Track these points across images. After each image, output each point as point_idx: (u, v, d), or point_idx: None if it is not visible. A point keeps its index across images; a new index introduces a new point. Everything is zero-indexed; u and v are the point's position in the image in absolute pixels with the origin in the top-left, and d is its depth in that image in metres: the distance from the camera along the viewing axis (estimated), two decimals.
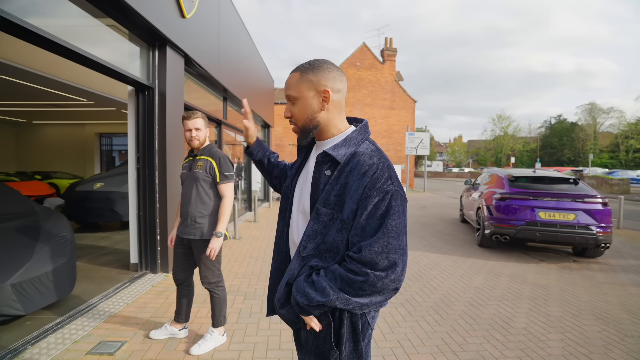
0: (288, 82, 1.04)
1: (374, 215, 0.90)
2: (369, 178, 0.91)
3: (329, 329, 0.99)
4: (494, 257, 5.14)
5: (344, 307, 0.91)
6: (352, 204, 0.91)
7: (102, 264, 4.27)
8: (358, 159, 0.94)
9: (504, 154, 48.00)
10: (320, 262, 0.96)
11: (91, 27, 3.22)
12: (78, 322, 2.71)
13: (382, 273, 0.87)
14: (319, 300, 0.91)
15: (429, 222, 8.23)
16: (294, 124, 1.05)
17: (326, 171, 0.97)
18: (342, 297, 0.89)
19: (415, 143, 18.83)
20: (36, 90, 7.37)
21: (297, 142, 1.11)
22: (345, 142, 0.99)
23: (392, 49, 20.98)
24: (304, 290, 0.94)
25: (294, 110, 1.03)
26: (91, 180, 6.59)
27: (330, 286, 0.90)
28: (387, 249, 0.87)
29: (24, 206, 3.45)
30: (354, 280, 0.88)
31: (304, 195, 1.05)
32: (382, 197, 0.90)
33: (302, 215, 1.05)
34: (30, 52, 4.38)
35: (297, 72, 1.02)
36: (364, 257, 0.87)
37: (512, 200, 5.12)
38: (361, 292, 0.89)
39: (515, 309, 3.22)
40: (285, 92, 1.05)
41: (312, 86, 1.00)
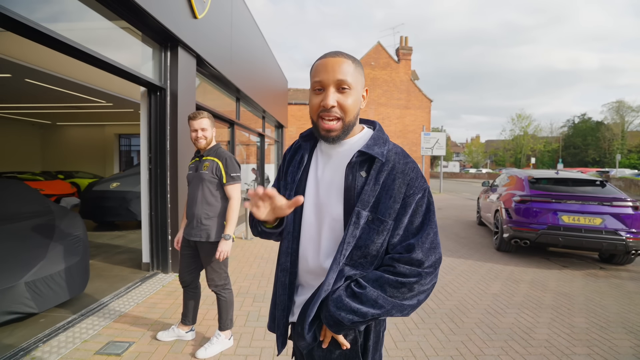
0: (342, 66, 0.88)
1: (417, 212, 0.89)
2: (409, 176, 0.90)
3: (355, 344, 0.94)
4: (513, 262, 4.91)
5: (400, 314, 0.88)
6: (392, 203, 0.88)
7: (115, 262, 4.33)
8: (395, 159, 0.93)
9: (524, 154, 46.45)
10: (353, 270, 0.90)
11: (106, 30, 3.26)
12: (89, 321, 2.74)
13: (430, 269, 0.87)
14: (373, 313, 0.85)
15: (444, 225, 8.01)
16: (338, 118, 0.89)
17: (361, 172, 0.91)
18: (396, 304, 0.86)
19: (431, 143, 18.44)
20: (60, 93, 7.65)
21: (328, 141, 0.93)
22: (375, 141, 0.94)
23: (407, 47, 20.66)
24: (349, 307, 0.86)
25: (347, 102, 0.88)
26: (108, 180, 6.75)
27: (381, 296, 0.86)
28: (434, 244, 0.89)
29: (40, 205, 3.54)
30: (404, 283, 0.85)
31: (330, 202, 0.93)
32: (422, 194, 0.90)
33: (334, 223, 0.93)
34: (54, 57, 4.52)
35: (349, 59, 0.90)
36: (415, 256, 0.86)
37: (533, 203, 4.88)
38: (410, 294, 0.86)
39: (536, 319, 3.04)
40: (339, 75, 0.87)
41: (362, 80, 0.94)
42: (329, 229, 0.94)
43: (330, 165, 0.98)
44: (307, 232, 0.98)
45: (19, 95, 8.10)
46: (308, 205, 0.99)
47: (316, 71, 0.91)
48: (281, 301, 1.02)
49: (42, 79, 6.39)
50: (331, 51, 0.93)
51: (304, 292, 1.01)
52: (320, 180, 0.98)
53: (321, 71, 0.89)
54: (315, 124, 0.93)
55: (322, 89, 0.90)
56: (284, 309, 1.01)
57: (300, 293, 1.02)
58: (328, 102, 0.88)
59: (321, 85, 0.89)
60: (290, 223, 1.01)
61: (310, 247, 0.98)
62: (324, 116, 0.90)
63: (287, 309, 1.01)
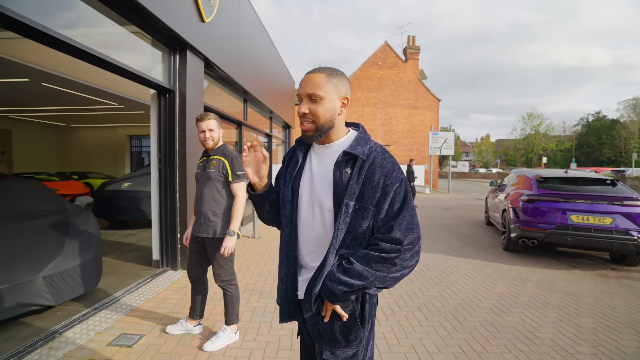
0: (313, 80, 1.07)
1: (396, 199, 1.05)
2: (387, 169, 1.06)
3: (353, 313, 1.10)
4: (520, 262, 4.88)
5: (382, 285, 1.03)
6: (373, 193, 1.04)
7: (127, 259, 4.46)
8: (374, 155, 1.08)
9: (535, 153, 45.60)
10: (347, 250, 1.07)
11: (118, 35, 3.38)
12: (102, 314, 2.85)
13: (409, 246, 1.02)
14: (359, 284, 1.01)
15: (452, 224, 7.97)
16: (311, 122, 1.08)
17: (347, 169, 1.07)
18: (379, 276, 1.01)
19: (439, 143, 18.31)
20: (74, 96, 7.90)
21: (306, 140, 1.13)
22: (358, 142, 1.11)
23: (415, 47, 20.56)
24: (340, 279, 1.02)
25: (317, 109, 1.07)
26: (120, 180, 6.93)
27: (366, 270, 1.01)
28: (411, 225, 1.04)
29: (57, 204, 3.68)
30: (387, 258, 1.00)
31: (322, 196, 1.10)
32: (400, 184, 1.06)
33: (327, 214, 1.09)
34: (69, 62, 4.69)
35: (323, 74, 1.08)
36: (395, 235, 1.01)
37: (541, 202, 4.84)
38: (393, 268, 1.02)
39: (541, 318, 3.03)
40: (309, 89, 1.06)
41: (337, 91, 1.09)
42: (322, 218, 1.11)
43: (322, 164, 1.14)
44: (304, 221, 1.15)
45: (37, 98, 8.39)
46: (304, 199, 1.15)
47: (299, 85, 1.11)
48: (286, 280, 1.18)
49: (58, 83, 6.62)
50: (314, 68, 1.12)
51: (306, 272, 1.17)
52: (314, 177, 1.15)
53: (300, 85, 1.10)
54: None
55: (301, 100, 1.10)
56: (287, 286, 1.17)
57: (302, 274, 1.18)
58: (300, 110, 1.08)
59: (300, 97, 1.10)
60: (289, 214, 1.16)
61: (307, 233, 1.14)
62: (302, 121, 1.10)
63: (292, 287, 1.16)
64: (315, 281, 1.08)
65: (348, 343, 1.11)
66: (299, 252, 1.16)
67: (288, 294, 1.16)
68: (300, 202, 1.15)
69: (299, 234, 1.15)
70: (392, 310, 3.16)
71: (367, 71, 20.51)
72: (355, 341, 1.11)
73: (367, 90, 20.53)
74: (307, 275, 1.15)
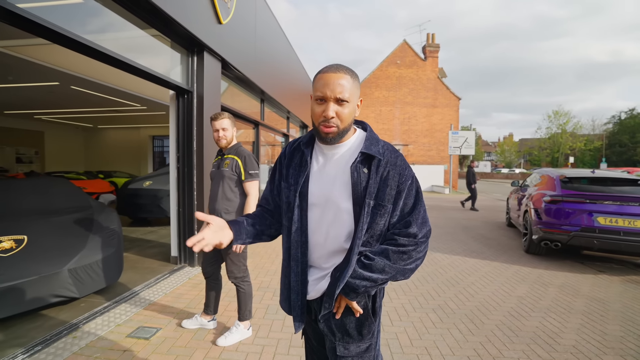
0: (342, 83, 1.02)
1: (410, 195, 1.09)
2: (400, 167, 1.09)
3: (365, 307, 1.13)
4: (542, 265, 4.69)
5: (402, 277, 1.08)
6: (389, 191, 1.07)
7: (147, 255, 4.62)
8: (388, 154, 1.10)
9: (562, 153, 43.62)
10: (363, 247, 1.09)
11: (139, 39, 3.51)
12: (122, 307, 2.96)
13: (423, 239, 1.08)
14: (382, 278, 1.05)
15: (471, 226, 7.76)
16: (335, 125, 1.05)
17: (364, 169, 1.08)
18: (399, 269, 1.06)
19: (460, 142, 17.88)
20: (101, 98, 8.26)
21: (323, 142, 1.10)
22: (371, 142, 1.11)
23: (434, 44, 20.15)
24: (363, 275, 1.05)
25: (344, 112, 1.04)
26: (142, 179, 7.18)
27: (388, 264, 1.05)
28: (424, 219, 1.09)
29: (82, 201, 3.86)
30: (405, 252, 1.05)
31: (337, 197, 1.08)
32: (412, 181, 1.10)
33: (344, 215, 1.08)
34: (95, 65, 4.91)
35: (348, 75, 1.05)
36: (412, 229, 1.06)
37: (565, 204, 4.63)
38: (410, 260, 1.07)
39: (563, 324, 2.91)
40: (339, 93, 1.02)
41: (358, 93, 1.09)
42: (336, 219, 1.10)
43: (332, 165, 1.12)
44: (315, 225, 1.13)
45: (66, 101, 8.82)
46: (314, 202, 1.12)
47: (319, 84, 1.05)
48: (295, 287, 1.15)
49: (85, 86, 6.94)
50: (332, 65, 1.07)
51: (316, 272, 1.16)
52: (325, 179, 1.12)
53: (323, 86, 1.03)
54: (317, 128, 1.08)
55: (324, 101, 1.04)
56: (299, 292, 1.15)
57: (312, 273, 1.17)
58: (329, 114, 1.03)
59: (323, 98, 1.04)
60: (298, 219, 1.13)
61: (319, 237, 1.13)
62: (325, 123, 1.05)
63: (302, 292, 1.15)
64: (338, 281, 1.07)
65: (362, 337, 1.13)
66: (310, 256, 1.14)
67: (299, 301, 1.14)
68: (311, 205, 1.12)
69: (309, 238, 1.13)
70: (406, 311, 3.11)
71: (385, 70, 20.29)
72: (368, 335, 1.14)
73: (386, 90, 20.30)
74: (318, 275, 1.14)
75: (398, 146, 20.41)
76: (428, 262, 4.70)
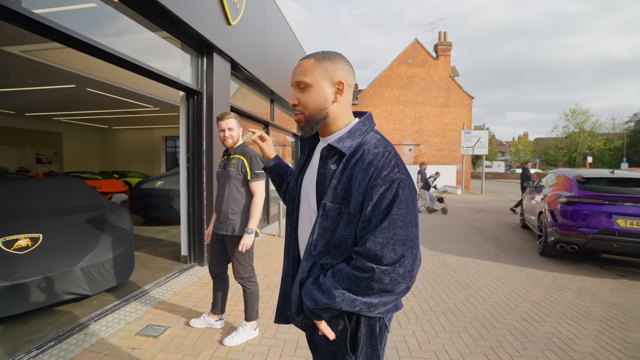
0: (301, 67, 0.97)
1: (379, 205, 0.85)
2: (375, 167, 0.87)
3: (344, 333, 0.94)
4: (558, 268, 4.54)
5: (350, 309, 0.86)
6: (358, 196, 0.88)
7: (158, 254, 4.69)
8: (363, 149, 0.92)
9: (580, 153, 42.29)
10: (330, 260, 0.93)
11: (150, 41, 3.56)
12: (132, 305, 3.01)
13: (388, 267, 0.81)
14: (324, 302, 0.87)
15: (483, 227, 7.60)
16: (300, 112, 0.98)
17: (331, 165, 0.94)
18: (347, 297, 0.84)
19: (472, 142, 17.55)
20: (115, 100, 8.46)
21: (302, 132, 1.04)
22: (350, 133, 0.96)
23: (446, 43, 19.85)
24: (311, 293, 0.90)
25: (305, 98, 0.96)
26: (154, 179, 7.31)
27: (335, 287, 0.86)
28: (393, 240, 0.82)
29: (95, 200, 3.94)
30: (360, 278, 0.83)
31: (311, 193, 1.01)
32: (389, 186, 0.86)
33: (312, 214, 1.00)
34: (110, 68, 5.03)
35: (312, 58, 0.97)
36: (369, 250, 0.83)
37: (582, 205, 4.47)
38: (369, 291, 0.83)
39: (580, 330, 2.80)
40: (296, 77, 0.97)
41: (328, 75, 0.96)
42: (310, 218, 1.01)
43: (316, 158, 1.04)
44: (302, 220, 1.06)
45: (82, 103, 9.07)
46: (302, 196, 1.07)
47: None
48: (287, 281, 1.08)
49: (100, 88, 7.11)
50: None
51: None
52: (311, 173, 1.06)
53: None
54: None
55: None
56: (290, 289, 1.06)
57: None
58: (290, 101, 1.01)
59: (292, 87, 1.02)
60: (291, 212, 1.09)
61: (304, 233, 1.04)
62: (294, 112, 1.02)
63: (289, 293, 1.06)
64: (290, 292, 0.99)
65: None
66: (300, 253, 1.07)
67: (285, 295, 1.09)
68: (301, 200, 1.07)
69: (298, 233, 1.07)
70: (415, 313, 3.06)
71: (396, 69, 20.11)
72: None
73: (397, 89, 20.12)
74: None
75: (409, 146, 20.20)
76: (438, 264, 4.62)
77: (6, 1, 2.02)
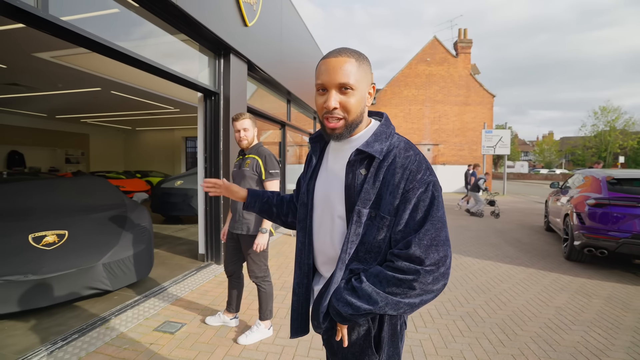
0: (344, 67, 0.87)
1: (418, 207, 0.86)
2: (410, 171, 0.88)
3: (368, 334, 0.95)
4: (585, 273, 4.32)
5: (394, 312, 0.86)
6: (392, 199, 0.87)
7: (176, 252, 4.81)
8: (394, 153, 0.91)
9: (610, 152, 40.16)
10: (359, 265, 0.92)
11: (169, 44, 3.65)
12: (151, 301, 3.09)
13: (433, 267, 0.83)
14: (366, 308, 0.86)
15: (505, 229, 7.34)
16: (341, 117, 0.90)
17: (361, 170, 0.91)
18: (391, 301, 0.84)
19: (494, 141, 17.02)
20: (138, 102, 8.77)
21: (334, 139, 0.96)
22: (377, 137, 0.94)
23: (466, 40, 19.35)
24: (346, 300, 0.88)
25: (350, 102, 0.89)
26: (174, 179, 7.50)
27: (376, 292, 0.85)
28: (437, 241, 0.84)
29: (117, 199, 4.08)
30: (403, 280, 0.83)
31: (334, 199, 0.97)
32: (425, 189, 0.87)
33: (338, 220, 0.96)
34: (132, 71, 5.21)
35: (352, 58, 0.89)
36: (414, 253, 0.83)
37: (612, 207, 4.23)
38: (411, 292, 0.84)
39: (610, 340, 2.64)
40: (340, 79, 0.87)
41: (367, 78, 0.93)
42: (333, 224, 0.98)
43: (338, 162, 1.00)
44: (318, 226, 1.02)
45: (107, 105, 9.44)
46: (318, 201, 1.03)
47: (319, 72, 0.92)
48: (300, 292, 1.05)
49: (124, 91, 7.38)
50: (335, 49, 0.93)
51: (318, 279, 1.07)
52: (328, 176, 1.01)
53: (324, 72, 0.90)
54: (322, 123, 0.95)
55: (326, 90, 0.91)
56: (299, 296, 1.05)
57: (316, 281, 1.08)
58: (330, 104, 0.89)
59: (324, 87, 0.90)
60: (303, 218, 1.05)
61: (322, 240, 1.01)
62: (328, 117, 0.92)
63: (304, 298, 1.05)
64: (322, 298, 0.95)
65: None
66: (315, 261, 1.04)
67: (300, 307, 1.05)
68: (315, 205, 1.03)
69: (313, 240, 1.03)
70: (432, 317, 2.99)
71: (414, 68, 19.79)
72: None
73: (415, 88, 19.80)
74: (320, 283, 1.05)
75: (427, 146, 19.82)
76: (457, 267, 4.49)
77: (34, 9, 2.11)
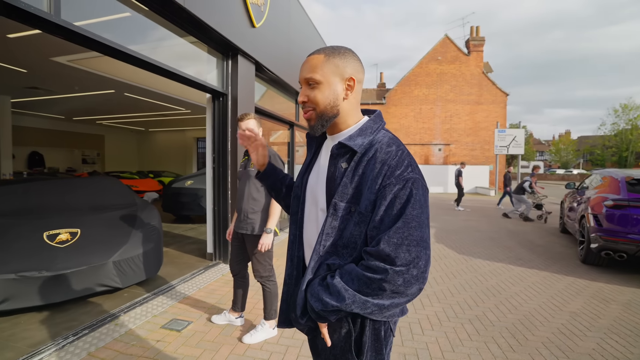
0: (309, 63, 0.94)
1: (393, 204, 0.84)
2: (388, 166, 0.86)
3: (349, 337, 0.93)
4: (602, 278, 4.17)
5: (361, 311, 0.84)
6: (370, 195, 0.86)
7: (185, 251, 4.87)
8: (376, 148, 0.90)
9: (632, 152, 38.73)
10: (337, 260, 0.91)
11: (179, 46, 3.70)
12: (159, 299, 3.14)
13: (402, 268, 0.80)
14: (333, 305, 0.84)
15: (518, 230, 7.17)
16: (311, 109, 0.95)
17: (342, 164, 0.92)
18: (358, 299, 0.82)
19: (507, 141, 16.63)
20: (151, 104, 8.95)
21: (310, 131, 1.01)
22: (361, 131, 0.94)
23: (478, 38, 19.02)
24: (318, 295, 0.88)
25: (315, 95, 0.93)
26: (184, 179, 7.62)
27: (345, 288, 0.84)
28: (408, 240, 0.81)
29: (128, 198, 4.16)
30: (371, 279, 0.81)
31: (319, 192, 0.98)
32: (403, 186, 0.84)
33: (320, 213, 0.98)
34: (144, 73, 5.31)
35: (321, 54, 0.94)
36: (382, 251, 0.81)
37: (632, 209, 4.08)
38: (380, 293, 0.81)
39: (629, 348, 2.53)
40: (305, 74, 0.94)
41: (338, 72, 0.94)
42: (318, 217, 0.99)
43: (327, 157, 1.01)
44: (308, 220, 1.03)
45: (121, 107, 9.67)
46: (308, 195, 1.05)
47: None
48: (290, 283, 1.04)
49: (137, 93, 7.54)
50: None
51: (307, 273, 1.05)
52: (318, 171, 1.04)
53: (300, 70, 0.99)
54: None
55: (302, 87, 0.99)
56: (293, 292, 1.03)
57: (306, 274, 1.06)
58: (299, 99, 0.97)
59: (300, 83, 0.99)
60: (295, 211, 1.07)
61: (310, 233, 1.02)
62: (304, 110, 0.98)
63: (295, 292, 1.02)
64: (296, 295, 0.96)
65: None
66: (305, 254, 1.05)
67: (288, 298, 1.05)
68: (306, 198, 1.05)
69: (304, 233, 1.04)
70: (439, 319, 2.93)
71: (425, 67, 19.57)
72: None
73: (426, 87, 19.58)
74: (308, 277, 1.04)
75: (438, 146, 19.57)
76: (466, 269, 4.41)
77: (47, 14, 2.17)
